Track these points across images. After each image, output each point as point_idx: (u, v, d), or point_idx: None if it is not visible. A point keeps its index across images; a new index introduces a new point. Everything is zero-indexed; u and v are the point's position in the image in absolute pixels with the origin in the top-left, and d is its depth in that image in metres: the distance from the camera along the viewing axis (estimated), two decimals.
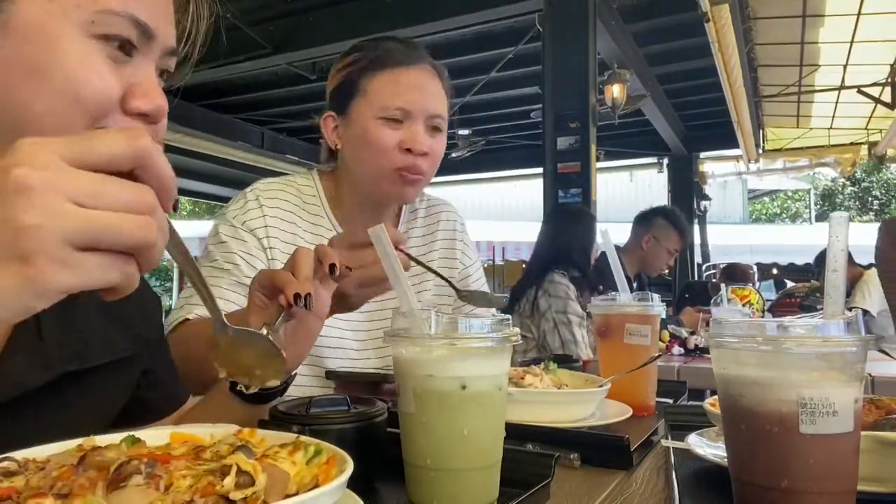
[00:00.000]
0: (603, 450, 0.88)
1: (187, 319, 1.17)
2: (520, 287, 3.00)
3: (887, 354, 2.54)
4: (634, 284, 3.50)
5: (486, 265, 8.16)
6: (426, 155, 1.26)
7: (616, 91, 5.57)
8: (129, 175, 0.46)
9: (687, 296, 4.59)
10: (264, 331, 0.70)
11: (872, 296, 5.14)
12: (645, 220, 3.66)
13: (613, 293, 1.26)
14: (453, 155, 8.55)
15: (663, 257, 3.62)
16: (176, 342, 0.99)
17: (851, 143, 9.05)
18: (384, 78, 1.25)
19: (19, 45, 0.58)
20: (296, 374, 0.88)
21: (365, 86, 1.26)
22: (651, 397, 1.20)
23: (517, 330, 0.70)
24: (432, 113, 1.26)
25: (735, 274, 5.75)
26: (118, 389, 0.80)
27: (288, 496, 0.46)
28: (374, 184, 1.29)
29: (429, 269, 1.00)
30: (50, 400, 0.68)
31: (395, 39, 1.34)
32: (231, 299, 1.19)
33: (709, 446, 0.82)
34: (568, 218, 3.21)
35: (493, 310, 1.06)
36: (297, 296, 0.75)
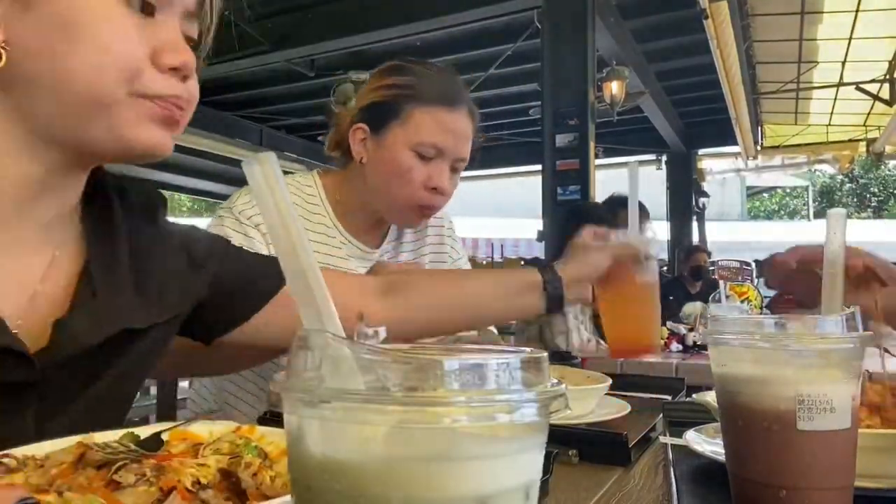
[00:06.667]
0: (601, 446, 0.88)
1: None
2: None
3: (888, 353, 2.53)
4: None
5: (484, 262, 8.15)
6: (444, 194, 1.33)
7: (615, 88, 5.56)
8: None
9: (671, 297, 4.59)
10: None
11: None
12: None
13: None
14: None
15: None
16: None
17: (850, 140, 9.06)
18: (427, 114, 1.29)
19: (52, 2, 0.62)
20: None
21: (406, 114, 1.29)
22: (655, 336, 1.19)
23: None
24: (460, 157, 1.33)
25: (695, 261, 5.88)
26: (163, 345, 0.80)
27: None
28: (389, 208, 1.35)
29: None
30: (103, 356, 0.69)
31: (438, 69, 1.38)
32: None
33: (707, 443, 0.82)
34: (564, 216, 3.28)
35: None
36: None
